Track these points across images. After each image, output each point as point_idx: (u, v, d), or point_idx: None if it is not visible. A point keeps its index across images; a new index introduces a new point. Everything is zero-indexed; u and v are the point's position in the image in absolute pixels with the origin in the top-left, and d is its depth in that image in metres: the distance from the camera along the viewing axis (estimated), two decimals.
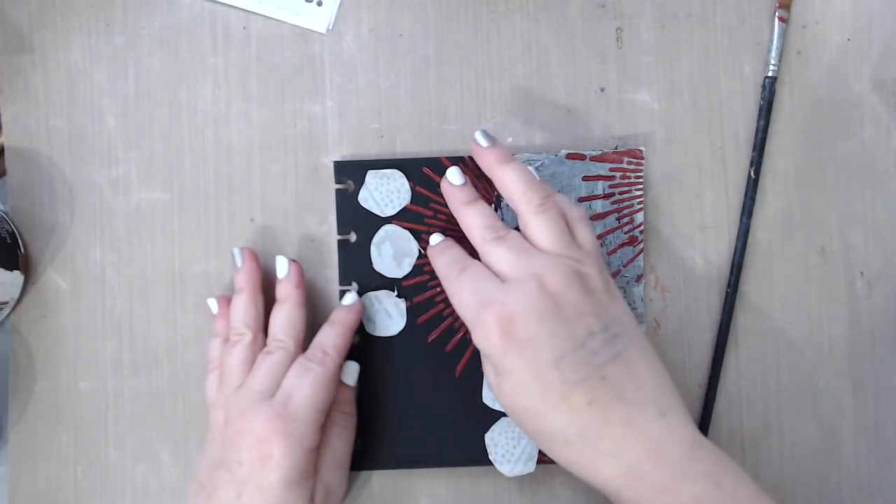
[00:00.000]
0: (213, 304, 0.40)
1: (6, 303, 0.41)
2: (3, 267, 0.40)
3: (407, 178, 0.41)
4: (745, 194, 0.42)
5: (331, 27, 0.43)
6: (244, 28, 0.43)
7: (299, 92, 0.43)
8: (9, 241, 0.41)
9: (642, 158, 0.41)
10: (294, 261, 0.39)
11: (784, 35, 0.42)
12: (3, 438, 0.42)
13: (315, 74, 0.43)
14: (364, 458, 0.40)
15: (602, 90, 0.42)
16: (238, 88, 0.43)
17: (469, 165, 0.41)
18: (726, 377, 0.41)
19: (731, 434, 0.41)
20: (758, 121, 0.42)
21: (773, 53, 0.42)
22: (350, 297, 0.40)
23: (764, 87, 0.42)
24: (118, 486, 0.41)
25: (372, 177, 0.41)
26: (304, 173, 0.42)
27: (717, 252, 0.42)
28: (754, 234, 0.42)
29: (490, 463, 0.40)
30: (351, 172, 0.41)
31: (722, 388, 0.41)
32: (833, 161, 0.42)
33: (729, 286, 0.41)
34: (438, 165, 0.41)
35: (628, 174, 0.41)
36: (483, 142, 0.37)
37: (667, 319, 0.42)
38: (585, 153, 0.41)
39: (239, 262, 0.40)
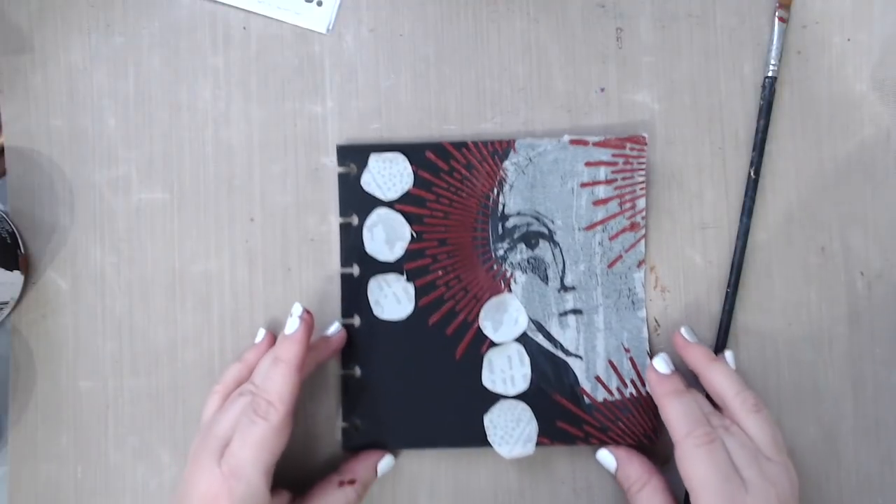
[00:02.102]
0: (261, 334, 0.40)
1: (6, 303, 0.41)
2: (3, 267, 0.40)
3: (409, 161, 0.41)
4: (745, 194, 0.42)
5: (331, 27, 0.43)
6: (244, 28, 0.43)
7: (299, 92, 0.43)
8: (9, 241, 0.41)
9: (645, 144, 0.41)
10: (305, 317, 0.37)
11: (784, 35, 0.42)
12: (3, 438, 0.42)
13: (315, 74, 0.43)
14: (365, 438, 0.40)
15: (602, 90, 0.42)
16: (238, 88, 0.43)
17: (472, 150, 0.41)
18: None
19: None
20: (758, 121, 0.42)
21: (773, 53, 0.42)
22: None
23: (764, 87, 0.42)
24: (118, 486, 0.41)
25: (375, 160, 0.41)
26: (304, 173, 0.42)
27: (717, 252, 0.42)
28: (754, 234, 0.42)
29: (489, 444, 0.40)
30: (354, 156, 0.41)
31: None
32: (833, 161, 0.42)
33: (729, 286, 0.41)
34: (441, 149, 0.41)
35: (631, 160, 0.41)
36: (689, 337, 0.39)
37: (667, 319, 0.42)
38: (588, 139, 0.41)
39: (291, 329, 0.37)
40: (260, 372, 0.37)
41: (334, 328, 0.41)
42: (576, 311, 0.41)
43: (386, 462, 0.40)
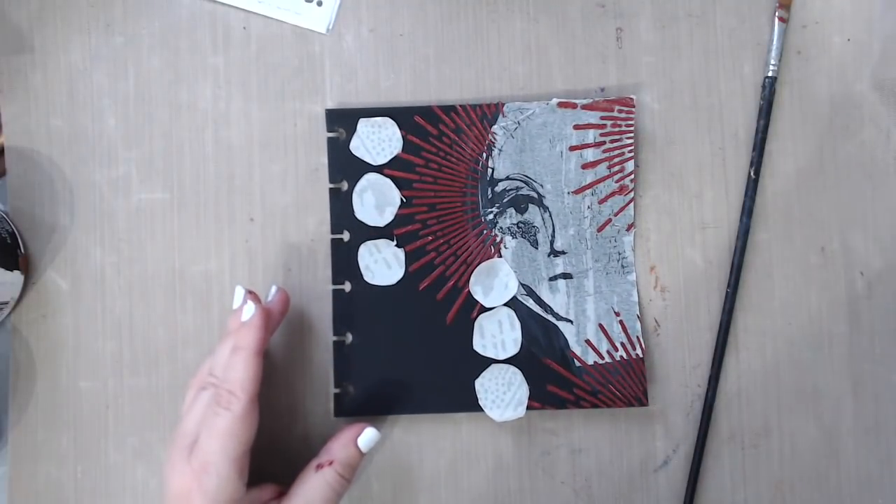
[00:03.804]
0: (249, 309, 0.36)
1: (6, 303, 0.41)
2: (3, 267, 0.40)
3: (399, 126, 0.41)
4: (745, 194, 0.42)
5: (331, 27, 0.43)
6: (244, 28, 0.43)
7: (299, 92, 0.43)
8: (9, 241, 0.41)
9: (633, 107, 0.41)
10: (255, 298, 0.36)
11: (784, 35, 0.42)
12: (3, 439, 0.42)
13: (315, 74, 0.43)
14: (357, 404, 0.41)
15: (602, 90, 0.42)
16: (238, 88, 0.43)
17: (461, 114, 0.41)
18: (726, 377, 0.41)
19: (731, 434, 0.41)
20: (758, 121, 0.42)
21: (773, 53, 0.42)
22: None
23: (764, 87, 0.42)
24: (118, 486, 0.41)
25: (364, 125, 0.41)
26: (304, 173, 0.42)
27: (717, 252, 0.42)
28: (754, 234, 0.42)
29: (480, 409, 0.40)
30: (343, 120, 0.42)
31: (722, 388, 0.41)
32: (833, 161, 0.42)
33: (729, 286, 0.41)
34: (430, 114, 0.41)
35: (619, 122, 0.41)
36: None
37: (667, 319, 0.42)
38: (577, 101, 0.41)
39: (247, 315, 0.36)
40: (220, 362, 0.36)
41: (272, 292, 0.39)
42: (566, 276, 0.41)
43: (367, 436, 0.38)
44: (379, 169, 0.41)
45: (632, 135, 0.41)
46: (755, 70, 0.42)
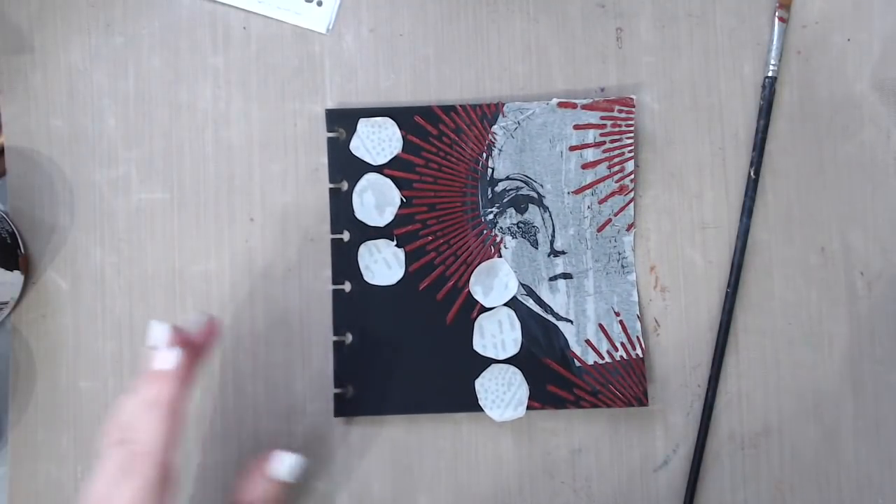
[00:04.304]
0: (168, 357, 0.31)
1: (6, 303, 0.41)
2: (3, 267, 0.40)
3: (399, 126, 0.41)
4: (745, 194, 0.42)
5: (331, 27, 0.43)
6: (244, 28, 0.43)
7: (299, 92, 0.43)
8: (9, 241, 0.41)
9: (633, 107, 0.41)
10: (177, 339, 0.32)
11: (784, 35, 0.42)
12: (3, 438, 0.42)
13: (315, 74, 0.43)
14: (358, 404, 0.41)
15: (602, 90, 0.42)
16: (238, 88, 0.43)
17: (461, 114, 0.41)
18: (726, 377, 0.41)
19: (731, 434, 0.41)
20: (758, 121, 0.42)
21: (773, 53, 0.42)
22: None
23: (764, 87, 0.42)
24: None
25: (364, 125, 0.41)
26: (304, 173, 0.42)
27: (717, 252, 0.42)
28: (754, 234, 0.42)
29: (481, 409, 0.40)
30: (343, 120, 0.42)
31: (722, 388, 0.41)
32: (833, 161, 0.42)
33: (729, 286, 0.41)
34: (430, 114, 0.41)
35: (619, 122, 0.41)
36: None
37: (667, 319, 0.42)
38: (577, 101, 0.41)
39: (164, 364, 0.31)
40: (128, 410, 0.31)
41: (199, 321, 0.35)
42: (566, 276, 0.41)
43: (281, 464, 0.35)
44: (379, 169, 0.41)
45: (632, 135, 0.41)
46: (755, 70, 0.42)
